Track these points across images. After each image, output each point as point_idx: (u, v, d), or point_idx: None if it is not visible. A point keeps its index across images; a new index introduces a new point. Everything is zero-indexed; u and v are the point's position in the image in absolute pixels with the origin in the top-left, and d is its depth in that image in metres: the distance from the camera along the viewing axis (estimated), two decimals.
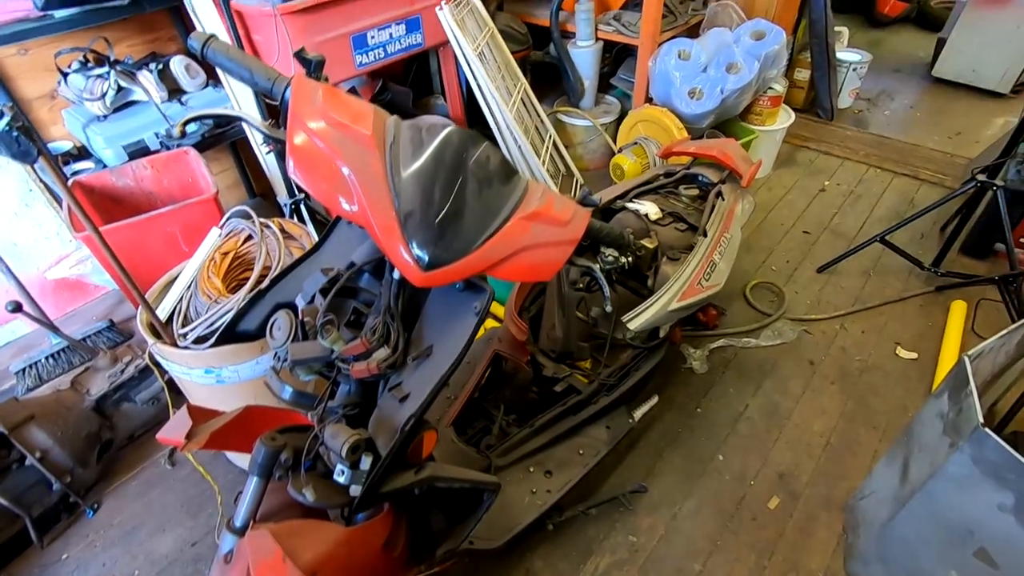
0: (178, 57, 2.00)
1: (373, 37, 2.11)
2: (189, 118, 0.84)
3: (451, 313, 0.90)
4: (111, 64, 1.88)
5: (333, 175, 0.78)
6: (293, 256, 1.45)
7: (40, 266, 2.11)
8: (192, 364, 1.34)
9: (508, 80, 2.53)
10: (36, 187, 2.03)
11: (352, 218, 0.80)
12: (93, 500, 1.57)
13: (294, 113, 0.76)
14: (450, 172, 0.79)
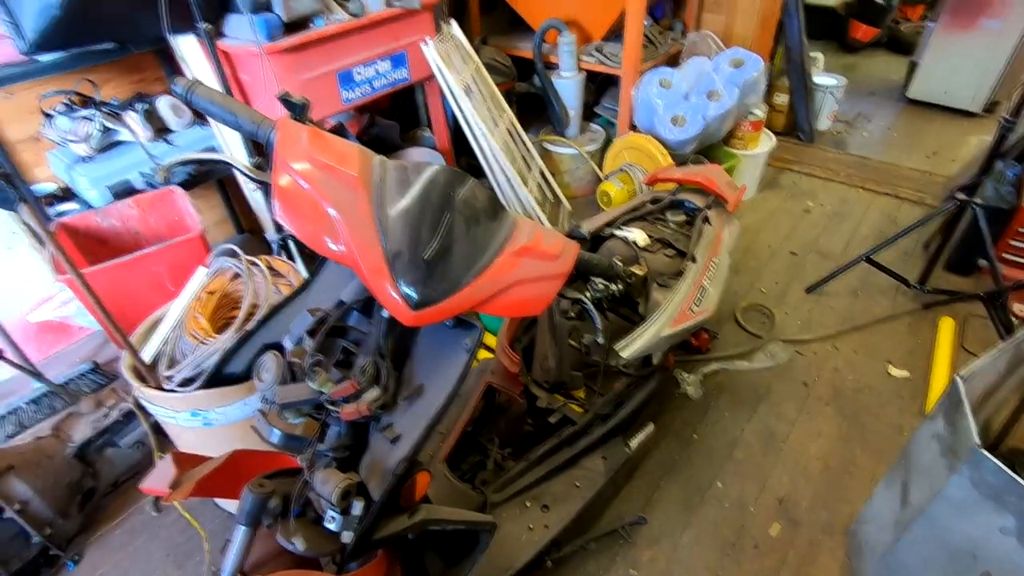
0: (165, 97, 2.01)
1: (359, 73, 2.14)
2: (173, 163, 0.84)
3: (442, 351, 0.88)
4: (97, 106, 1.89)
5: (319, 216, 0.77)
6: (281, 294, 1.43)
7: (22, 309, 2.07)
8: (178, 407, 1.31)
9: (494, 111, 2.57)
10: (19, 229, 2.00)
11: (339, 259, 0.79)
12: (74, 552, 1.51)
13: (279, 156, 0.75)
14: (437, 210, 0.79)
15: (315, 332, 0.91)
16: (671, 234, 1.74)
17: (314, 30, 1.92)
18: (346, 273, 1.03)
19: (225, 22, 1.83)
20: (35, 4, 1.44)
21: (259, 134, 0.80)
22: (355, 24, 2.03)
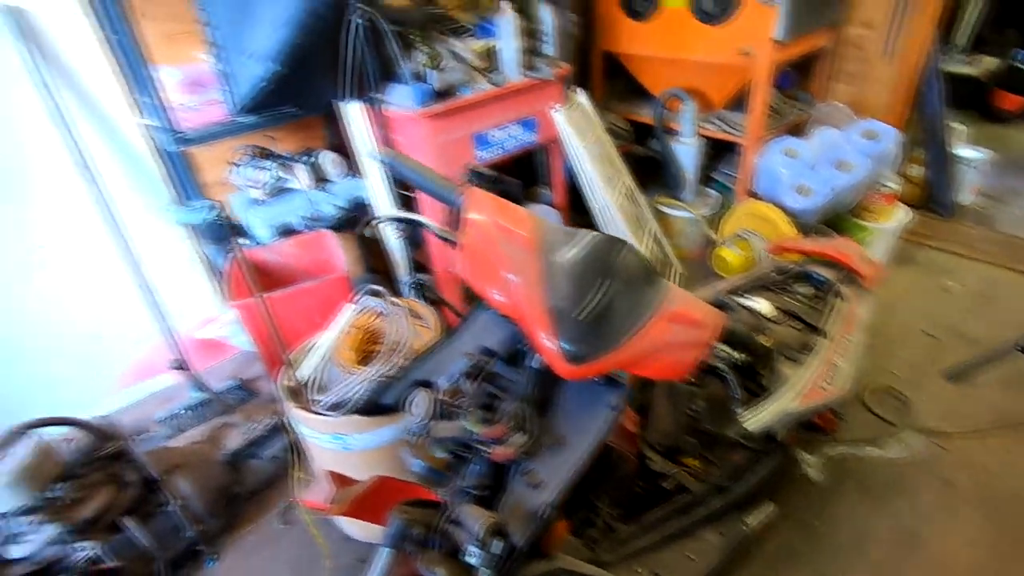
0: (327, 152, 2.30)
1: (494, 136, 2.33)
2: (380, 219, 0.98)
3: (586, 405, 0.93)
4: (274, 158, 2.20)
5: (492, 271, 0.87)
6: (419, 335, 1.56)
7: (189, 326, 2.39)
8: (323, 429, 1.45)
9: (612, 172, 2.66)
10: (197, 257, 2.34)
11: (505, 310, 0.88)
12: (215, 550, 1.68)
13: (467, 219, 0.87)
14: (598, 274, 0.86)
15: (470, 376, 0.99)
16: (799, 306, 1.69)
17: (460, 98, 2.14)
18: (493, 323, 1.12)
19: (387, 90, 2.09)
20: (248, 77, 1.74)
21: (448, 198, 0.92)
22: (495, 93, 2.23)
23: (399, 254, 2.26)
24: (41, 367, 2.10)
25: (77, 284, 2.09)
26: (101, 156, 1.96)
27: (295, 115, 2.12)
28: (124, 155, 2.04)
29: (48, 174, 1.90)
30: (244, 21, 1.68)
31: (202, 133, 1.88)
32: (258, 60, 1.69)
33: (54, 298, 2.06)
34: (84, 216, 1.99)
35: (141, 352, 2.32)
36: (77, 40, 1.84)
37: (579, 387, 0.95)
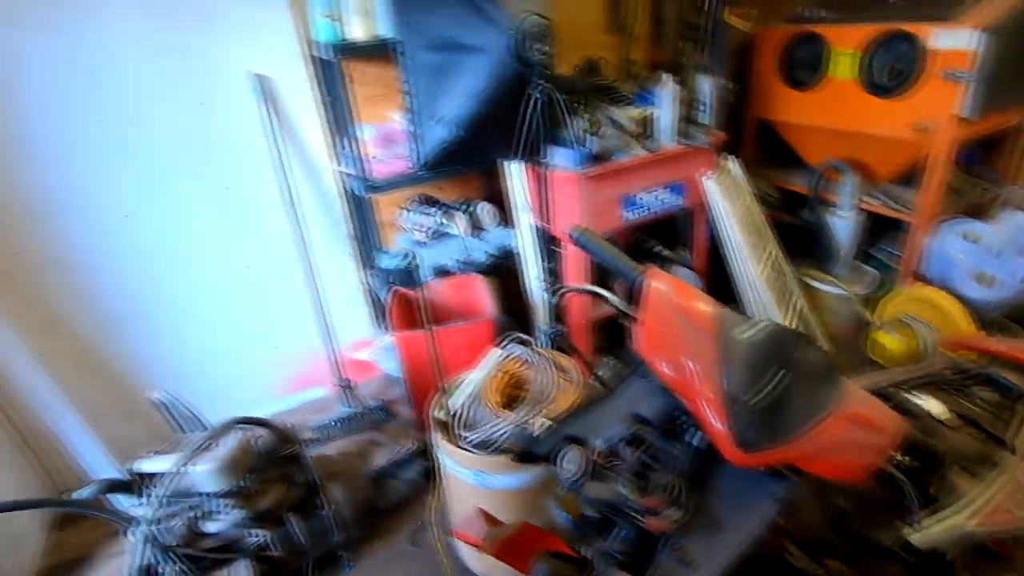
0: (484, 203, 2.52)
1: (641, 198, 2.40)
2: (567, 289, 1.08)
3: (747, 492, 0.94)
4: (438, 205, 2.45)
5: (667, 348, 0.92)
6: (562, 388, 1.63)
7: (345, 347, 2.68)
8: (466, 464, 1.55)
9: (758, 240, 2.60)
10: (361, 287, 2.64)
11: (674, 385, 0.92)
12: (353, 558, 1.83)
13: (648, 297, 0.93)
14: (776, 363, 0.88)
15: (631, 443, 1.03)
16: (979, 413, 1.53)
17: (614, 162, 2.24)
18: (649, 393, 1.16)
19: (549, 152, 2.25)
20: (433, 138, 1.99)
21: (629, 276, 1.00)
22: (648, 158, 2.31)
23: (541, 304, 2.38)
24: (232, 367, 2.46)
25: (268, 300, 2.45)
26: (303, 195, 2.32)
27: (463, 170, 2.35)
28: (319, 195, 2.38)
29: (263, 206, 2.27)
30: (437, 92, 1.93)
31: (387, 182, 2.16)
32: (444, 125, 1.93)
33: (250, 310, 2.42)
34: (283, 243, 2.35)
35: (305, 364, 2.64)
36: (301, 100, 2.22)
37: (741, 472, 0.96)
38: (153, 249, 2.15)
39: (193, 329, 2.34)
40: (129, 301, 2.18)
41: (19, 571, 1.90)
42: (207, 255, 2.26)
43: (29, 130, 1.84)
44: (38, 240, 1.96)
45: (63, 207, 1.96)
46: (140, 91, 1.95)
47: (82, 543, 2.07)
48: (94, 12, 1.82)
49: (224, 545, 1.58)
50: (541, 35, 1.68)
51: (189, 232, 2.19)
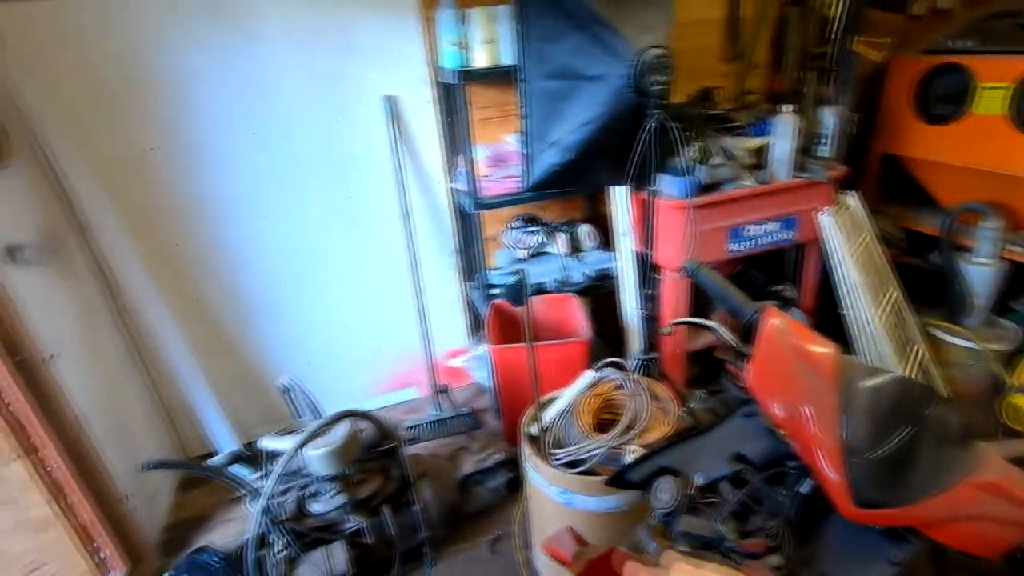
0: (585, 225, 2.56)
1: (749, 230, 2.33)
2: (678, 323, 1.09)
3: (859, 551, 0.89)
4: (541, 225, 2.52)
5: (780, 389, 0.90)
6: (656, 417, 1.62)
7: (442, 354, 2.80)
8: (553, 481, 1.58)
9: (877, 282, 2.43)
10: (461, 298, 2.76)
11: (783, 425, 0.90)
12: (435, 557, 1.91)
13: (764, 336, 0.92)
14: (903, 419, 0.84)
15: (734, 482, 1.02)
16: None
17: (723, 193, 2.20)
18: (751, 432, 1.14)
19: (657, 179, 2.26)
20: (544, 162, 2.06)
21: (743, 313, 0.99)
22: (759, 190, 2.24)
23: (636, 330, 2.37)
24: (338, 363, 2.66)
25: (376, 303, 2.63)
26: (417, 208, 2.48)
27: (565, 194, 2.41)
28: (431, 210, 2.54)
29: (380, 217, 2.46)
30: (552, 117, 2.00)
31: (495, 200, 2.26)
32: (557, 149, 1.99)
33: (359, 311, 2.61)
34: (394, 252, 2.52)
35: (402, 366, 2.80)
36: (423, 121, 2.38)
37: (854, 528, 0.91)
38: (283, 249, 2.39)
39: (309, 324, 2.56)
40: (259, 294, 2.43)
41: (153, 523, 2.16)
42: (328, 258, 2.47)
43: (199, 141, 2.13)
44: (194, 235, 2.25)
45: (216, 207, 2.24)
46: (290, 109, 2.20)
47: (202, 506, 2.32)
48: (258, 39, 2.08)
49: (325, 526, 1.72)
50: (661, 67, 1.70)
51: (315, 236, 2.41)
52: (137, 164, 2.09)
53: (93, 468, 1.81)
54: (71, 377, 1.79)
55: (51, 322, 1.78)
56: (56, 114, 1.91)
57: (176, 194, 2.17)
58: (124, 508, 1.95)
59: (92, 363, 2.01)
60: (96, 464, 1.82)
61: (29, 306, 1.67)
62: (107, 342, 2.16)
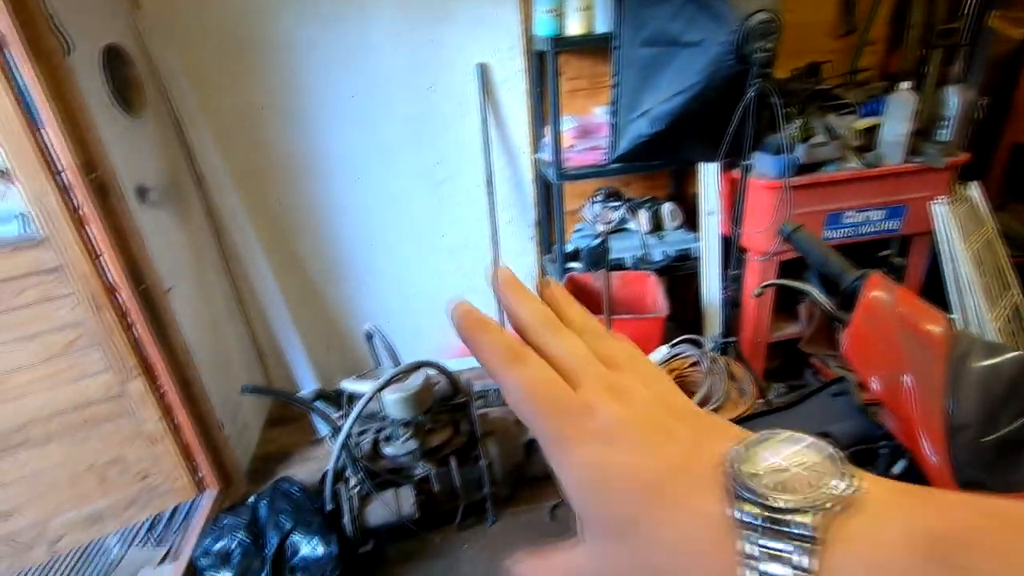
0: (668, 203, 2.49)
1: (848, 217, 2.18)
2: (770, 284, 1.06)
3: None
4: (624, 200, 2.48)
5: (880, 360, 0.85)
6: (732, 397, 1.57)
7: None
8: None
9: (996, 285, 2.20)
10: (537, 269, 2.78)
11: (882, 399, 0.85)
12: (496, 515, 1.97)
13: (867, 303, 0.87)
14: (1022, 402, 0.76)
15: None
16: None
17: (824, 174, 2.07)
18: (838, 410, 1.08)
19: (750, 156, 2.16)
20: (632, 133, 2.03)
21: (844, 279, 0.94)
22: (864, 173, 2.09)
23: (716, 313, 2.30)
24: (414, 323, 2.77)
25: (454, 268, 2.70)
26: (500, 177, 2.51)
27: (656, 167, 2.36)
28: (514, 180, 2.56)
29: (464, 184, 2.52)
30: (644, 86, 1.96)
31: (578, 172, 2.25)
32: (647, 119, 1.95)
33: (437, 275, 2.70)
34: (475, 220, 2.57)
35: None
36: (512, 90, 2.40)
37: None
38: (371, 210, 2.50)
39: (390, 283, 2.67)
40: (346, 251, 2.57)
41: (244, 453, 2.37)
42: (412, 221, 2.56)
43: (304, 103, 2.26)
44: (293, 191, 2.41)
45: (314, 166, 2.38)
46: (387, 75, 2.28)
47: (284, 443, 2.51)
48: (360, 7, 2.17)
49: (396, 469, 1.81)
50: (767, 33, 1.62)
51: (402, 199, 2.51)
52: (249, 121, 2.25)
53: (197, 394, 2.00)
54: (182, 310, 1.98)
55: (169, 259, 1.98)
56: (184, 71, 2.09)
57: (280, 152, 2.33)
58: (220, 435, 2.14)
59: (200, 300, 2.21)
60: (199, 391, 2.01)
61: (152, 242, 1.86)
62: (213, 283, 2.37)
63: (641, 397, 0.26)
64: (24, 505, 1.80)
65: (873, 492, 0.20)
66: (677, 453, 0.23)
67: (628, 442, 0.24)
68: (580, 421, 0.25)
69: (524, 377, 0.26)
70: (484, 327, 0.29)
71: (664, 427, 0.25)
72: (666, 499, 0.22)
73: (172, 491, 2.04)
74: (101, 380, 1.79)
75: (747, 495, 0.20)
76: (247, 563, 1.74)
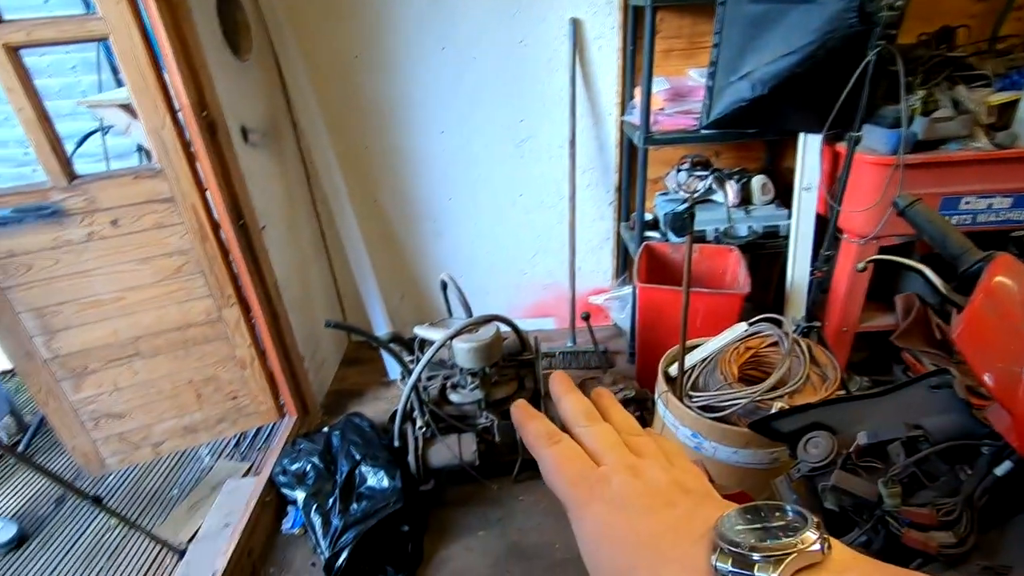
0: (759, 176, 2.35)
1: (967, 203, 1.97)
2: (875, 258, 0.98)
3: None
4: (711, 170, 2.37)
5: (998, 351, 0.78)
6: (811, 381, 1.50)
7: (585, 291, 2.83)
8: (685, 422, 1.55)
9: None
10: (612, 236, 2.73)
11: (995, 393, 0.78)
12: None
13: (991, 287, 0.79)
14: None
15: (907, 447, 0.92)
16: None
17: (944, 153, 1.87)
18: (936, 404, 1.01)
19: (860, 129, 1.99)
20: (730, 97, 1.91)
21: (964, 260, 0.86)
22: (994, 155, 1.87)
23: (802, 295, 2.18)
24: (485, 281, 2.81)
25: (529, 229, 2.70)
26: (584, 138, 2.46)
27: (751, 136, 2.22)
28: (598, 142, 2.50)
29: (547, 143, 2.49)
30: (748, 46, 1.83)
31: (666, 137, 2.16)
32: (747, 82, 1.83)
33: (512, 234, 2.71)
34: (554, 180, 2.55)
35: (545, 295, 2.88)
36: (605, 47, 2.32)
37: None
38: (453, 163, 2.53)
39: (465, 239, 2.72)
40: (426, 203, 2.62)
41: (320, 387, 2.53)
42: (491, 177, 2.57)
43: (395, 54, 2.30)
44: (379, 140, 2.47)
45: (402, 116, 2.42)
46: (479, 27, 2.26)
47: (358, 382, 2.65)
48: None
49: (461, 416, 1.87)
50: None
51: (483, 154, 2.52)
52: (343, 69, 2.31)
53: (283, 327, 2.15)
54: (274, 248, 2.11)
55: (265, 199, 2.10)
56: (287, 18, 2.17)
57: (369, 100, 2.38)
58: (301, 367, 2.30)
59: (290, 240, 2.34)
60: (285, 324, 2.16)
61: (251, 182, 1.98)
62: (303, 225, 2.50)
63: (654, 476, 0.30)
64: (135, 409, 2.02)
65: (839, 556, 0.24)
66: (676, 517, 0.27)
67: (635, 507, 0.28)
68: (597, 488, 0.29)
69: (556, 452, 0.32)
70: (533, 416, 0.35)
71: (669, 498, 0.29)
72: (661, 553, 0.26)
73: (257, 413, 2.22)
74: (202, 305, 1.96)
75: (726, 548, 0.24)
76: (320, 485, 1.89)
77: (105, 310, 1.83)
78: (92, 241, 1.74)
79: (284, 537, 1.91)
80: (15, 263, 1.68)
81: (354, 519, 1.74)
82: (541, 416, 0.35)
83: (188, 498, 2.11)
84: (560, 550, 1.80)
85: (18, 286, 1.71)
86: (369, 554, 1.72)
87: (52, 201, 1.66)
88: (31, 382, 1.84)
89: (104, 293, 1.81)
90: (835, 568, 0.23)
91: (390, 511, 1.73)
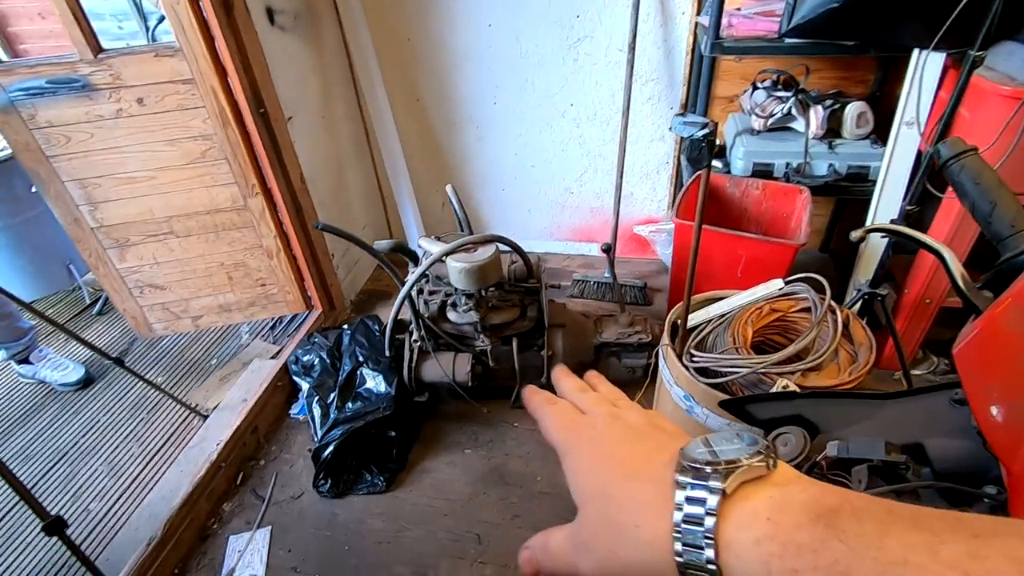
0: (857, 103, 1.92)
1: None
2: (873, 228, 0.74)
3: None
4: (796, 91, 1.96)
5: (1005, 378, 0.56)
6: (837, 359, 1.26)
7: (633, 219, 2.59)
8: (680, 382, 1.39)
9: None
10: (671, 161, 2.42)
11: (989, 431, 0.58)
12: None
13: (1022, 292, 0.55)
14: None
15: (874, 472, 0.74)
16: None
17: None
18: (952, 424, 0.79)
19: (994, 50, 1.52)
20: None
21: (1006, 244, 0.61)
22: None
23: (876, 254, 1.83)
24: (527, 195, 2.65)
25: (578, 144, 2.46)
26: (648, 43, 2.12)
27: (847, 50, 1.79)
28: (664, 48, 2.15)
29: (603, 46, 2.17)
30: None
31: (740, 44, 1.79)
32: None
33: (559, 147, 2.48)
34: (610, 91, 2.26)
35: (589, 219, 2.67)
36: None
37: None
38: (499, 62, 2.30)
39: (509, 149, 2.53)
40: (468, 106, 2.44)
41: (351, 285, 2.59)
42: (540, 83, 2.32)
43: None
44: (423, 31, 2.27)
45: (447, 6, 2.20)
46: None
47: (389, 284, 2.68)
48: None
49: (458, 336, 1.82)
50: None
51: (532, 55, 2.26)
52: None
53: (308, 221, 2.16)
54: (302, 140, 2.07)
55: (295, 87, 2.03)
56: None
57: None
58: (330, 263, 2.33)
59: (324, 135, 2.29)
60: (311, 218, 2.17)
61: (278, 68, 1.90)
62: (341, 119, 2.43)
63: (633, 418, 0.36)
64: (174, 284, 2.17)
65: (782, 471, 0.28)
66: (649, 447, 0.33)
67: (614, 439, 0.34)
68: (584, 431, 0.36)
69: (552, 410, 0.39)
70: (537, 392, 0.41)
71: (644, 432, 0.35)
72: (634, 472, 0.31)
73: (285, 302, 2.32)
74: (229, 191, 1.99)
75: (687, 464, 0.28)
76: (323, 379, 1.96)
77: (139, 187, 1.92)
78: (121, 118, 1.79)
79: (291, 421, 2.04)
80: (56, 133, 1.77)
81: (345, 417, 1.80)
82: (545, 392, 0.41)
83: (222, 369, 2.30)
84: (541, 483, 1.77)
85: (61, 155, 1.82)
86: (355, 452, 1.79)
87: (80, 74, 1.69)
88: (82, 247, 2.01)
89: (137, 171, 1.89)
90: (778, 481, 0.27)
91: (379, 416, 1.77)
